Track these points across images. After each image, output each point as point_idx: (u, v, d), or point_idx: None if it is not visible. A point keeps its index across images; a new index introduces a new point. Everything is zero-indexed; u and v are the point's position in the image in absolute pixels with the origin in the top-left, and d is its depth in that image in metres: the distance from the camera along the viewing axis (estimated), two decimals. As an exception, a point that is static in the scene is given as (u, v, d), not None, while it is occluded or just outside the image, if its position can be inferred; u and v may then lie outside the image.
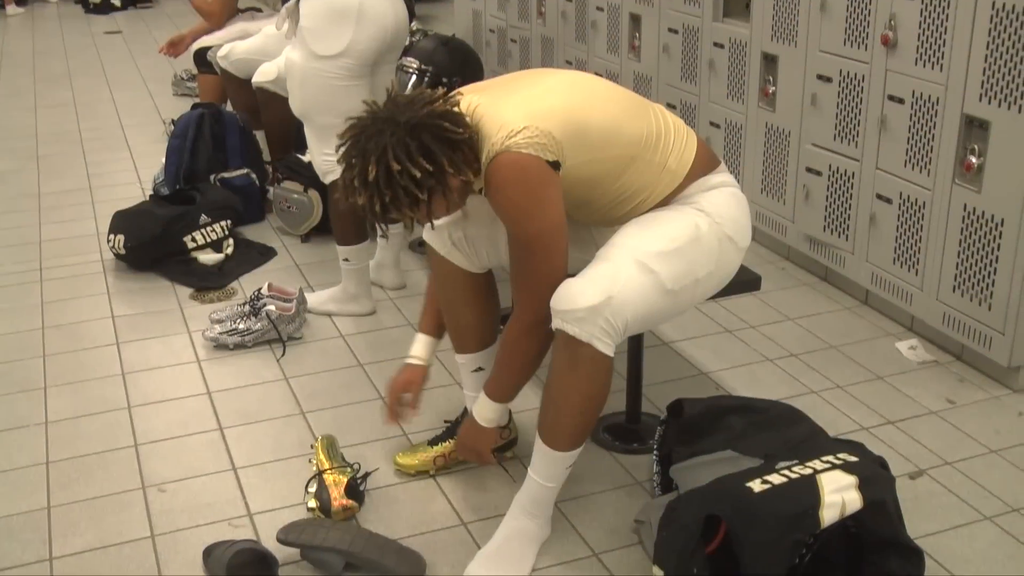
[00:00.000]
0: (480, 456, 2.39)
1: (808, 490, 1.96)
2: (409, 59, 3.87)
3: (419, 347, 2.51)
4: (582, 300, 2.03)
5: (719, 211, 2.21)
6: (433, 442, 2.59)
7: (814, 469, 2.01)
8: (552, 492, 2.23)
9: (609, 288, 2.04)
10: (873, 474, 2.03)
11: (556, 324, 2.07)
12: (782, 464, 2.07)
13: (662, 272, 2.10)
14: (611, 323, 2.05)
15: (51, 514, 2.46)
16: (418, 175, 1.97)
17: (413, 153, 1.97)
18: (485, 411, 2.30)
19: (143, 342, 3.30)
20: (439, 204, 2.07)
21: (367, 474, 2.53)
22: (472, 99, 2.11)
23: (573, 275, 2.10)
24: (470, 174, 2.06)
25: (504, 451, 2.61)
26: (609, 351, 2.07)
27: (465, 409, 2.58)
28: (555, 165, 2.03)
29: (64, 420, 2.86)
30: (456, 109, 2.06)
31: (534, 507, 2.24)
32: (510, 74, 2.25)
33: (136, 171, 4.97)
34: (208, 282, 3.70)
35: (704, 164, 2.24)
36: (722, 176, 2.28)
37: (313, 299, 3.44)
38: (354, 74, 3.14)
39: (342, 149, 2.04)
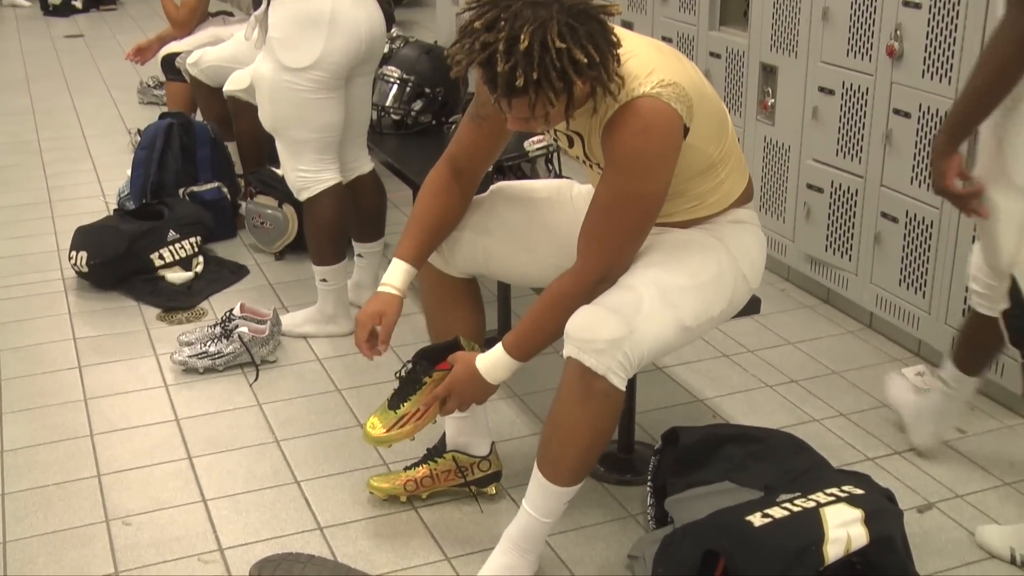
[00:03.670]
0: (463, 407, 2.29)
1: (811, 524, 1.98)
2: (390, 68, 3.88)
3: (395, 274, 2.33)
4: (604, 331, 2.04)
5: (741, 248, 2.26)
6: (409, 468, 2.60)
7: (817, 502, 2.03)
8: (547, 528, 2.24)
9: (632, 320, 2.06)
10: (880, 508, 2.05)
11: (571, 353, 2.07)
12: (783, 497, 2.09)
13: (684, 308, 2.13)
14: (629, 357, 2.06)
15: (6, 549, 2.45)
16: (584, 60, 1.89)
17: (581, 37, 1.89)
18: (498, 369, 2.20)
19: (107, 365, 3.30)
20: (582, 104, 2.00)
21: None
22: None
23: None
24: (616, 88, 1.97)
25: (485, 485, 2.61)
26: (622, 385, 2.09)
27: (444, 434, 2.59)
28: (685, 133, 2.04)
29: (21, 448, 2.85)
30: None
31: (526, 542, 2.25)
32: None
33: (99, 184, 4.97)
34: (176, 302, 3.70)
35: (745, 196, 2.30)
36: (751, 212, 2.33)
37: (288, 320, 3.44)
38: (326, 87, 3.15)
39: (479, 8, 1.93)
